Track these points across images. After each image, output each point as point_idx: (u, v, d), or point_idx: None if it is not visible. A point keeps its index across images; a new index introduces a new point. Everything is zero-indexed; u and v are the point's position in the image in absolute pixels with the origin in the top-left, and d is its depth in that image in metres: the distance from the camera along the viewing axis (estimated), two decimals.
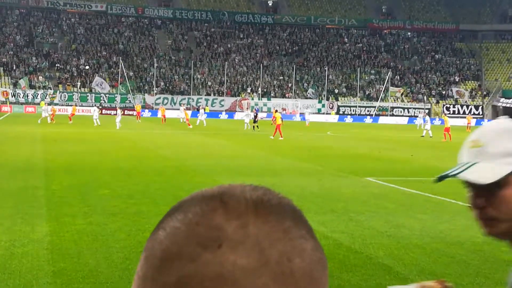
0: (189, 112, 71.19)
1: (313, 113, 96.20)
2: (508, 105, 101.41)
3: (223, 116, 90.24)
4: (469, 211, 1.86)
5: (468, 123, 67.51)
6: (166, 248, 0.72)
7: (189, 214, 0.74)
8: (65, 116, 63.02)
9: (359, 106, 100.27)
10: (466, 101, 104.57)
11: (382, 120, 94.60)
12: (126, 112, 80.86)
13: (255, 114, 57.85)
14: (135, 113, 72.70)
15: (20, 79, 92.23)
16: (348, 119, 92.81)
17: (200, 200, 0.76)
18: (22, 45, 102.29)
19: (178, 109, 75.31)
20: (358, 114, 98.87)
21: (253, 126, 54.34)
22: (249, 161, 25.53)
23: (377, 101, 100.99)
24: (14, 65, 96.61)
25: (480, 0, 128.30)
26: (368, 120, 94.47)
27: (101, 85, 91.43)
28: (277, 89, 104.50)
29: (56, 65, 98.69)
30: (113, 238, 11.01)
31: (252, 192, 0.76)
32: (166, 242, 0.72)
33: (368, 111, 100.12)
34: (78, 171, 20.41)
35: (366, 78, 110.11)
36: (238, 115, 65.47)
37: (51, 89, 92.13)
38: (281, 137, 41.49)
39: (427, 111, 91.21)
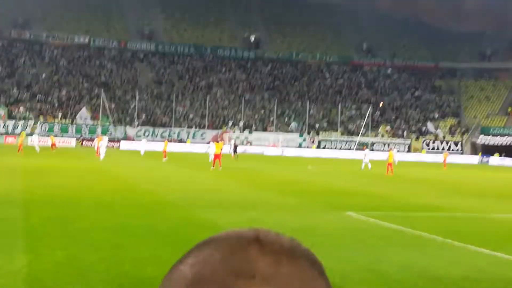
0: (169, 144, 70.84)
1: (295, 147, 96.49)
2: (486, 142, 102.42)
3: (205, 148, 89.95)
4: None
5: (444, 160, 67.94)
6: (198, 272, 0.73)
7: (225, 245, 0.77)
8: (46, 148, 62.63)
9: (340, 141, 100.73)
10: (438, 134, 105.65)
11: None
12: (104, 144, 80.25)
13: (235, 146, 58.47)
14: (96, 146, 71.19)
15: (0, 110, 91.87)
16: (329, 153, 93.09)
17: (235, 235, 0.79)
18: (3, 76, 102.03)
19: (162, 141, 75.16)
20: (339, 149, 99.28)
21: (236, 156, 55.25)
22: (230, 194, 25.47)
23: (357, 136, 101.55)
24: None
25: (459, 39, 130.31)
26: (351, 154, 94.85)
27: (84, 118, 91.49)
28: (258, 122, 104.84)
29: (38, 96, 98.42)
30: (93, 271, 10.89)
31: (283, 236, 0.82)
32: (198, 267, 0.74)
33: (348, 145, 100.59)
34: (56, 204, 20.23)
35: (347, 113, 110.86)
36: (202, 148, 65.35)
37: (32, 119, 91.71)
38: (218, 167, 43.09)
39: (368, 145, 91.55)
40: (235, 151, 56.53)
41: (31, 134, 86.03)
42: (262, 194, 26.30)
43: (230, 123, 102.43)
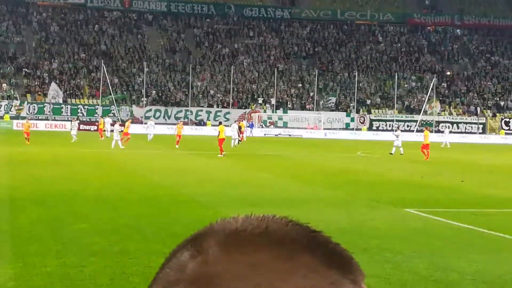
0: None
1: (340, 129, 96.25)
2: None
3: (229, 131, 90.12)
4: None
5: None
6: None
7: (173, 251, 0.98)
8: (36, 132, 63.22)
9: (397, 120, 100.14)
10: None
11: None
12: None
13: (238, 127, 59.59)
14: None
15: None
16: (383, 136, 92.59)
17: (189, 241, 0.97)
18: None
19: (175, 123, 75.43)
20: (395, 130, 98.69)
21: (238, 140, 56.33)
22: (259, 188, 25.51)
23: (419, 114, 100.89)
24: None
25: None
26: (411, 136, 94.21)
27: (56, 94, 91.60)
28: (295, 99, 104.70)
29: (24, 70, 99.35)
30: (93, 284, 11.00)
31: (228, 225, 0.94)
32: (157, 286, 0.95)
33: (408, 126, 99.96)
34: (49, 201, 20.46)
35: (406, 85, 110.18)
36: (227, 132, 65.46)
37: (17, 99, 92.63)
38: (220, 153, 44.01)
39: (399, 125, 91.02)
40: (239, 134, 57.57)
41: (16, 117, 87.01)
42: (301, 188, 26.31)
43: (260, 100, 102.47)
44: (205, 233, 0.93)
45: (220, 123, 52.57)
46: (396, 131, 56.54)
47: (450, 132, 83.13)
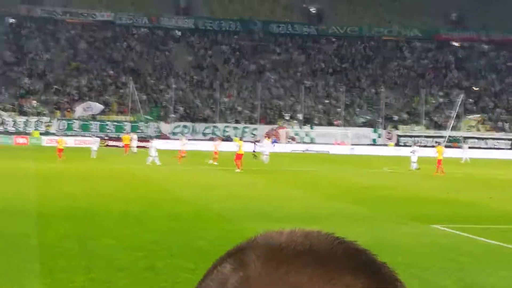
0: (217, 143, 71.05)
1: (368, 144, 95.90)
2: None
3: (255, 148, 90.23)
4: None
5: None
6: None
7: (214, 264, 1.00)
8: (65, 149, 63.50)
9: (425, 137, 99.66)
10: None
11: (453, 153, 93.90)
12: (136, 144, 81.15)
13: (254, 142, 59.63)
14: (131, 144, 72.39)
15: (8, 103, 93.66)
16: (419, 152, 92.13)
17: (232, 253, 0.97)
18: (11, 62, 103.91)
19: (207, 140, 75.63)
20: (423, 146, 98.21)
21: (254, 154, 56.27)
22: (284, 203, 25.51)
23: (446, 130, 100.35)
24: (1, 87, 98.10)
25: None
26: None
27: (88, 109, 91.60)
28: (322, 115, 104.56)
29: (53, 86, 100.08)
30: None
31: (272, 239, 0.93)
32: None
33: (436, 142, 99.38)
34: (76, 217, 20.56)
35: (433, 101, 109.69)
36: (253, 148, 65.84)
37: (46, 115, 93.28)
38: (238, 168, 44.36)
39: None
40: (254, 149, 57.48)
41: (45, 133, 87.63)
42: (326, 203, 26.25)
43: (287, 117, 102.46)
44: (248, 246, 0.92)
45: (241, 138, 52.67)
46: (412, 146, 57.21)
47: (469, 147, 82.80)
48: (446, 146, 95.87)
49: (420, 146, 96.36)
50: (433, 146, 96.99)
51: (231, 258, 0.93)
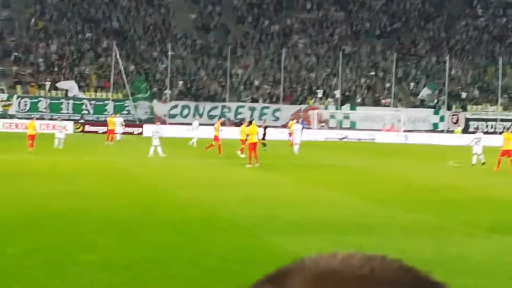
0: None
1: (426, 131, 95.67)
2: None
3: (279, 134, 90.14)
4: None
5: None
6: None
7: None
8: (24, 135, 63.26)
9: (502, 120, 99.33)
10: None
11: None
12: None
13: (264, 129, 59.34)
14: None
15: None
16: (484, 140, 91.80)
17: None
18: None
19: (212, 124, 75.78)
20: (499, 133, 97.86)
21: (263, 143, 55.94)
22: (318, 209, 25.44)
23: None
24: None
25: None
26: None
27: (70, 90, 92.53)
28: (366, 91, 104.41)
29: (13, 54, 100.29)
30: None
31: (323, 262, 0.95)
32: None
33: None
34: (45, 225, 20.57)
35: None
36: (275, 135, 64.92)
37: (3, 92, 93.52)
38: (256, 162, 44.34)
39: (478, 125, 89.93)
40: (263, 137, 57.21)
41: (3, 115, 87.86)
42: (374, 209, 26.18)
43: (320, 93, 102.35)
44: (293, 269, 0.96)
45: (250, 122, 52.20)
46: (476, 133, 56.94)
47: None
48: None
49: (493, 132, 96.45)
50: None
51: (271, 283, 0.97)
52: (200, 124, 70.84)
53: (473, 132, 66.04)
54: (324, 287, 0.88)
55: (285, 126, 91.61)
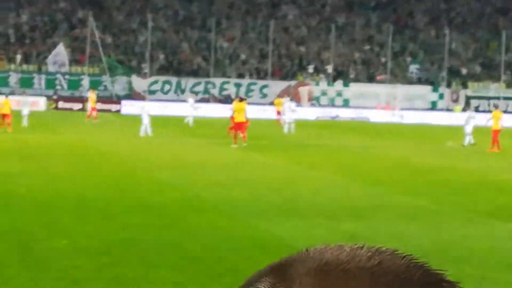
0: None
1: (424, 110, 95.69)
2: None
3: (266, 112, 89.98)
4: None
5: None
6: None
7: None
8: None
9: (505, 98, 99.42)
10: None
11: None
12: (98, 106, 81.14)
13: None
14: (89, 107, 71.87)
15: None
16: (486, 120, 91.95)
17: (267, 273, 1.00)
18: None
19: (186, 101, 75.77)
20: (504, 111, 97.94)
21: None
22: (309, 192, 25.46)
23: None
24: None
25: None
26: None
27: (60, 64, 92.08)
28: (360, 67, 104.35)
29: None
30: None
31: (328, 253, 0.96)
32: None
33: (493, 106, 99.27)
34: (15, 207, 20.55)
35: None
36: (263, 113, 65.03)
37: None
38: (241, 142, 44.32)
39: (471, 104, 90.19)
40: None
41: None
42: (368, 191, 26.25)
43: (311, 69, 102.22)
44: (297, 260, 0.96)
45: (241, 99, 52.03)
46: (468, 110, 57.28)
47: None
48: None
49: (497, 111, 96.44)
50: None
51: (274, 274, 0.96)
52: (183, 101, 70.74)
53: (484, 111, 66.53)
54: (329, 278, 0.90)
55: (271, 103, 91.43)
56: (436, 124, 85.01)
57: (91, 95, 71.02)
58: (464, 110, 67.89)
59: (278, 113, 69.34)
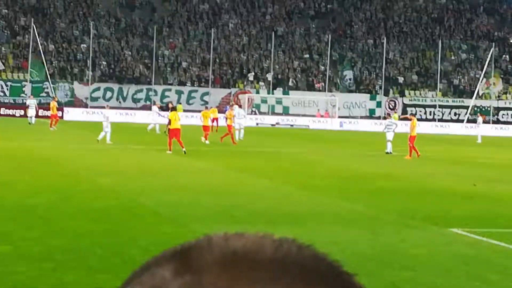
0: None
1: (362, 117, 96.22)
2: None
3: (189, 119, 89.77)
4: None
5: None
6: None
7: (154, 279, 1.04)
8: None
9: (441, 106, 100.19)
10: None
11: (482, 130, 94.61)
12: (39, 112, 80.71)
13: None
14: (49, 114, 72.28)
15: None
16: (422, 127, 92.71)
17: (167, 258, 1.04)
18: None
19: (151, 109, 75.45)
20: (438, 120, 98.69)
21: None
22: (249, 198, 25.50)
23: (470, 97, 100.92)
24: None
25: None
26: (460, 129, 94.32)
27: None
28: (300, 75, 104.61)
29: None
30: None
31: (233, 241, 0.96)
32: None
33: (455, 114, 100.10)
34: None
35: (453, 58, 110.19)
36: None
37: None
38: (182, 148, 43.99)
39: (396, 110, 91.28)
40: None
41: None
42: (306, 198, 26.33)
43: (251, 77, 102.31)
44: (199, 247, 0.96)
45: (174, 108, 52.31)
46: (388, 118, 58.03)
47: (484, 122, 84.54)
48: (469, 121, 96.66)
49: (433, 119, 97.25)
50: (455, 120, 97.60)
51: (172, 261, 0.98)
52: (127, 108, 70.26)
53: (423, 119, 67.13)
54: (237, 267, 0.90)
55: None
56: (374, 131, 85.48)
57: (52, 104, 70.89)
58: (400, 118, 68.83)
59: (213, 120, 69.41)
